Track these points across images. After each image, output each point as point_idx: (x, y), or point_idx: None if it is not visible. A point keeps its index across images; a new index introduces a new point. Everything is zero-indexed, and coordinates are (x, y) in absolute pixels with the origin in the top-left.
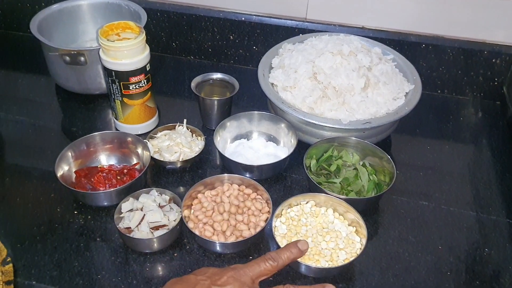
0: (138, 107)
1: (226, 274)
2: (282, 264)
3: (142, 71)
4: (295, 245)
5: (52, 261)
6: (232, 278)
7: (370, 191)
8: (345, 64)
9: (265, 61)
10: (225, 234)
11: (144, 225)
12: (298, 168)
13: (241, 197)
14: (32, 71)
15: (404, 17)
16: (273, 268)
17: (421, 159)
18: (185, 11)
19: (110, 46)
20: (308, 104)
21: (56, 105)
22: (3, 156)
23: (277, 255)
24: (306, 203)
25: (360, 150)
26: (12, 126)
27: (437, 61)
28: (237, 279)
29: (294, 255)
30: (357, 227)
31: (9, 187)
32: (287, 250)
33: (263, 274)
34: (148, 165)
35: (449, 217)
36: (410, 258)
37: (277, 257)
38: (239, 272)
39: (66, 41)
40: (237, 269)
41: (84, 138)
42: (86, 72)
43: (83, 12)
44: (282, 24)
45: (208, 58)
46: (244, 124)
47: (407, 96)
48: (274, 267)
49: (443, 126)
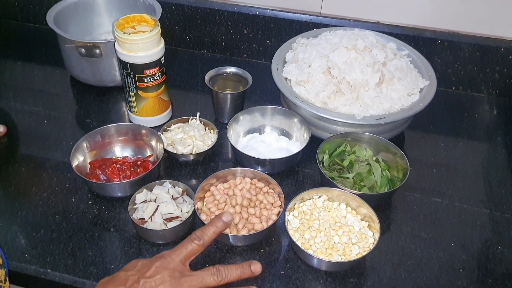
0: (152, 99)
1: (154, 264)
2: (208, 240)
3: (157, 64)
4: (219, 218)
5: (66, 249)
6: (161, 268)
7: (383, 187)
8: (360, 59)
9: (278, 55)
10: (238, 226)
11: (157, 216)
12: (310, 162)
13: (253, 191)
14: (48, 63)
15: (419, 12)
16: (199, 246)
17: (435, 156)
18: (200, 5)
19: (126, 38)
20: (322, 99)
21: (71, 97)
22: (19, 146)
23: (202, 233)
24: (319, 197)
25: (373, 146)
26: (28, 117)
27: (452, 58)
28: (165, 267)
29: (220, 229)
30: (370, 222)
31: (25, 177)
32: (212, 226)
33: (191, 254)
34: (162, 158)
35: (462, 214)
36: (422, 254)
37: (202, 235)
38: (167, 259)
39: (81, 34)
40: (164, 257)
41: (99, 129)
42: (101, 65)
43: (98, 4)
44: (296, 18)
45: (221, 52)
46: (257, 118)
47: (421, 92)
48: (201, 245)
49: (457, 123)
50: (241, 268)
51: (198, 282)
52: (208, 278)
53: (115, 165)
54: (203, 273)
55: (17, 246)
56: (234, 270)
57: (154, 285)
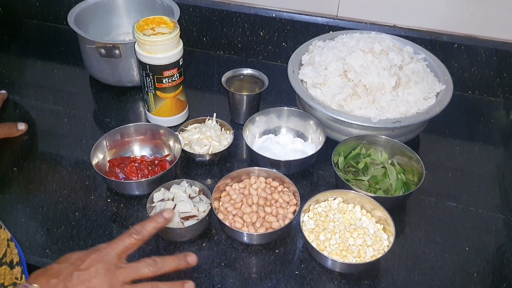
0: (170, 100)
1: (89, 257)
2: (147, 235)
3: (176, 65)
4: (161, 214)
5: (86, 246)
6: (96, 260)
7: (398, 190)
8: (376, 62)
9: (295, 57)
10: (255, 225)
11: (175, 215)
12: (325, 164)
13: (268, 190)
14: (67, 62)
15: (436, 16)
16: (137, 241)
17: (450, 160)
18: (217, 7)
19: (146, 40)
20: (338, 102)
21: (90, 96)
22: (39, 144)
23: (141, 227)
24: (334, 199)
25: (388, 149)
26: (48, 116)
27: (469, 62)
28: (100, 260)
29: (160, 225)
30: (385, 225)
31: (46, 174)
32: (152, 221)
33: (128, 249)
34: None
35: (477, 219)
36: (437, 258)
37: (141, 230)
38: (103, 252)
39: (101, 34)
40: (100, 250)
41: (119, 128)
42: (120, 65)
43: (118, 5)
44: (312, 21)
45: (237, 53)
46: (273, 120)
47: (438, 96)
48: (139, 240)
49: (473, 128)
50: (177, 259)
51: (133, 273)
52: (143, 269)
53: (134, 164)
54: (138, 265)
55: (38, 242)
56: (170, 261)
57: (88, 278)
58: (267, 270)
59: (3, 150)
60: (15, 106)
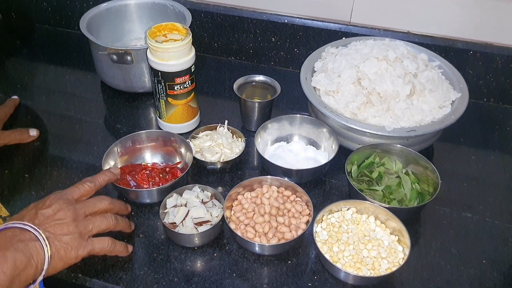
0: (181, 107)
1: (48, 198)
2: (99, 185)
3: (187, 72)
4: (109, 170)
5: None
6: (55, 198)
7: (412, 200)
8: (391, 70)
9: (307, 64)
10: (267, 236)
11: (188, 220)
12: (337, 173)
13: (281, 199)
14: (79, 67)
15: (451, 22)
16: (91, 188)
17: (465, 169)
18: (229, 13)
19: (158, 47)
20: (351, 110)
21: (101, 102)
22: (51, 150)
23: (93, 178)
24: (347, 210)
25: (403, 158)
26: (59, 121)
27: (484, 69)
28: (60, 197)
29: (109, 177)
30: (400, 236)
31: (57, 180)
32: (102, 174)
33: (83, 195)
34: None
35: (493, 230)
36: (452, 270)
37: (94, 180)
38: (61, 193)
39: (112, 39)
40: (57, 192)
41: (131, 135)
42: (132, 71)
43: (130, 11)
44: (325, 27)
45: (249, 59)
46: (285, 127)
47: (453, 105)
48: (93, 187)
49: (488, 136)
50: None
51: (92, 206)
52: (99, 203)
53: (145, 171)
54: (92, 199)
55: None
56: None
57: (52, 213)
58: (279, 282)
59: (15, 156)
60: (26, 111)
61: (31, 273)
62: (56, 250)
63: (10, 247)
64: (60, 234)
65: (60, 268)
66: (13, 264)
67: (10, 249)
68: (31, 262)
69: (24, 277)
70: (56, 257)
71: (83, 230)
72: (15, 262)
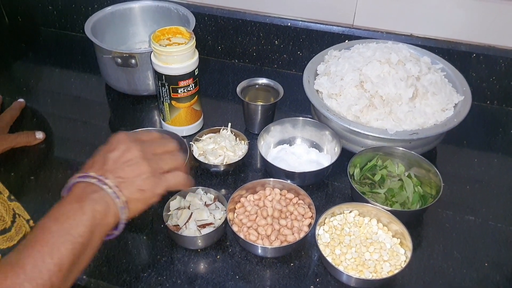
0: (185, 110)
1: (114, 138)
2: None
3: (191, 76)
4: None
5: (101, 256)
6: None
7: (415, 203)
8: (393, 73)
9: (310, 67)
10: (270, 238)
11: (192, 223)
12: (340, 175)
13: (284, 202)
14: (84, 70)
15: (454, 25)
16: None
17: (468, 172)
18: (232, 16)
19: (162, 51)
20: (354, 113)
21: (106, 105)
22: (56, 152)
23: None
24: (350, 212)
25: (405, 161)
26: (64, 124)
27: (487, 72)
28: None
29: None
30: (402, 239)
31: (62, 183)
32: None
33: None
34: (191, 167)
35: (496, 233)
36: (455, 274)
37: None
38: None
39: (117, 42)
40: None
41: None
42: (136, 74)
43: (134, 14)
44: (328, 30)
45: (252, 62)
46: (288, 129)
47: (456, 108)
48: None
49: (492, 139)
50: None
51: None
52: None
53: None
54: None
55: None
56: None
57: (119, 155)
58: (281, 284)
59: (21, 159)
60: (32, 114)
61: (111, 220)
62: (130, 194)
63: (86, 198)
64: (133, 177)
65: (141, 209)
66: (92, 215)
67: (86, 201)
68: (109, 210)
69: (105, 226)
70: (133, 200)
71: (155, 167)
72: (93, 213)
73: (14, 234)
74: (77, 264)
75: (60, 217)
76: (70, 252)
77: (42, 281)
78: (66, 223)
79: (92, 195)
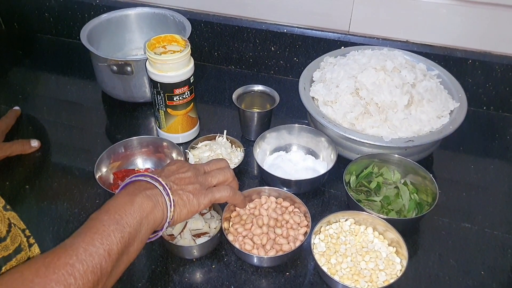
0: (181, 117)
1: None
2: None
3: (186, 83)
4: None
5: None
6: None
7: (411, 211)
8: (389, 80)
9: (306, 74)
10: (265, 247)
11: (186, 232)
12: (336, 183)
13: (279, 210)
14: (80, 77)
15: (450, 31)
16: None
17: (465, 178)
18: (229, 22)
19: (157, 59)
20: (349, 120)
21: (102, 112)
22: (52, 160)
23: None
24: (345, 221)
25: (401, 168)
26: (60, 131)
27: (484, 78)
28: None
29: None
30: (397, 248)
31: (57, 192)
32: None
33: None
34: None
35: (492, 241)
36: (451, 282)
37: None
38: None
39: (113, 49)
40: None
41: (123, 141)
42: (132, 81)
43: (130, 21)
44: (324, 36)
45: (249, 68)
46: (284, 136)
47: (451, 114)
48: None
49: (488, 145)
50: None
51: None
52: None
53: None
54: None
55: None
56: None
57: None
58: None
59: (16, 167)
60: (28, 121)
61: (158, 216)
62: (179, 197)
63: (138, 193)
64: (183, 184)
65: (185, 215)
66: (140, 207)
67: (138, 195)
68: (158, 205)
69: (152, 220)
70: (180, 203)
71: (204, 181)
72: (141, 205)
73: (9, 243)
74: (125, 255)
75: (111, 209)
76: (119, 240)
77: (92, 264)
78: (116, 214)
79: (145, 192)
